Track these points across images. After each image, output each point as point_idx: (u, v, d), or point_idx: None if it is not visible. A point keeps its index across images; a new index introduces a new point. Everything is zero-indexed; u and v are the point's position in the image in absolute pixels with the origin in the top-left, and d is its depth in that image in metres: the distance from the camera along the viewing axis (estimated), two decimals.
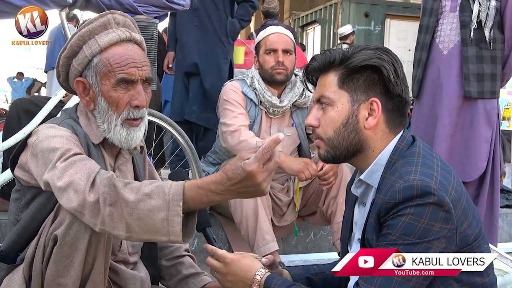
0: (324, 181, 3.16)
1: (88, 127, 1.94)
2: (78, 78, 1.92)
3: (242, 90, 3.36)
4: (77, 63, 1.91)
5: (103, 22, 1.91)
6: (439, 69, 3.54)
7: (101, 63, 1.88)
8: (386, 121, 1.70)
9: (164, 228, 1.56)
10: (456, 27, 3.47)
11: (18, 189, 1.94)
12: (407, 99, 1.71)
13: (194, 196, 1.58)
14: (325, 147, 1.74)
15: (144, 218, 1.57)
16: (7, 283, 1.78)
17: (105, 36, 1.90)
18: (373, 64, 1.66)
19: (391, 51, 1.72)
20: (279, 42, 3.34)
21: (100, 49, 1.88)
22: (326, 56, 1.72)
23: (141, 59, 1.91)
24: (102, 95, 1.89)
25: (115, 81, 1.87)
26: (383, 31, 13.15)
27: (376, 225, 1.61)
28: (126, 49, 1.90)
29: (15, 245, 1.86)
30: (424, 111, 3.63)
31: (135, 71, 1.88)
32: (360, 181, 1.75)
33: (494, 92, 3.48)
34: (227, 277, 1.71)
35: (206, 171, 3.49)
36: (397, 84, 1.67)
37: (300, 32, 15.19)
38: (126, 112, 1.90)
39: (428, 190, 1.53)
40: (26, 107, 3.47)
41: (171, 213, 1.56)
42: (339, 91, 1.70)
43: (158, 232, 1.57)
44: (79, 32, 1.90)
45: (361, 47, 1.70)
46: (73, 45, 1.91)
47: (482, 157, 3.46)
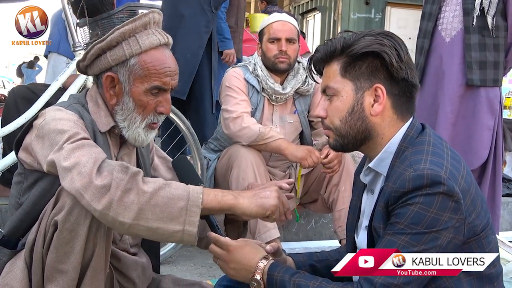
0: (328, 168, 3.16)
1: (96, 114, 1.94)
2: (109, 73, 1.91)
3: (244, 76, 3.35)
4: (112, 57, 1.89)
5: (145, 22, 1.91)
6: (441, 57, 3.53)
7: (138, 65, 1.88)
8: (393, 107, 1.68)
9: (182, 216, 1.60)
10: (459, 14, 3.45)
11: (20, 172, 1.93)
12: (413, 82, 1.68)
13: (208, 201, 1.67)
14: (334, 136, 1.73)
15: (161, 205, 1.60)
16: (10, 268, 1.78)
17: (145, 38, 1.90)
18: (373, 50, 1.64)
19: (395, 35, 1.70)
20: (283, 31, 3.32)
21: (140, 51, 1.89)
22: (328, 46, 1.71)
23: (175, 67, 1.94)
24: (131, 96, 1.90)
25: (149, 87, 1.89)
26: (384, 19, 13.12)
27: (384, 213, 1.60)
28: (164, 55, 1.92)
29: (17, 230, 1.85)
30: (426, 99, 3.61)
31: (169, 80, 1.91)
32: (369, 169, 1.74)
33: (497, 80, 3.47)
34: (230, 264, 1.70)
35: (208, 157, 3.49)
36: (401, 68, 1.64)
37: (300, 19, 15.15)
38: (151, 117, 1.93)
39: (438, 180, 1.51)
40: (24, 95, 3.48)
41: (190, 203, 1.61)
42: (343, 80, 1.68)
43: (174, 220, 1.60)
44: (122, 29, 1.88)
45: (363, 34, 1.68)
46: (112, 40, 1.89)
47: (484, 146, 3.45)
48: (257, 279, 1.66)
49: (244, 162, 3.13)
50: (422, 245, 1.52)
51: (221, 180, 3.36)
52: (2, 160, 3.12)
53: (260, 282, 1.66)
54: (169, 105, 1.94)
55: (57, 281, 1.71)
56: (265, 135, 3.18)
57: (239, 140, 3.23)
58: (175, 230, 1.61)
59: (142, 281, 2.05)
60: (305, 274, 1.65)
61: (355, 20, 12.99)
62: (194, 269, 3.43)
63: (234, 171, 3.16)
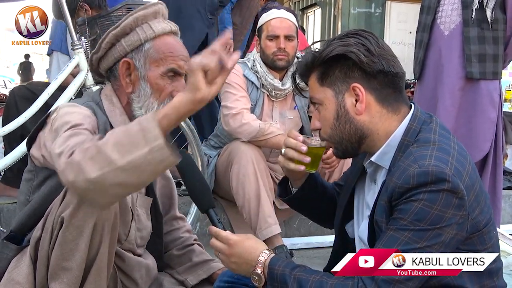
0: (327, 164, 3.16)
1: (111, 112, 1.95)
2: (125, 58, 1.93)
3: (244, 73, 3.35)
4: (127, 43, 1.92)
5: (155, 10, 1.96)
6: (440, 50, 3.52)
7: (153, 49, 1.91)
8: (378, 101, 1.67)
9: (141, 139, 1.49)
10: (457, 7, 3.45)
11: (31, 170, 1.94)
12: (393, 71, 1.66)
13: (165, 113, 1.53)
14: (332, 145, 1.75)
15: (120, 141, 1.51)
16: (16, 263, 1.78)
17: (157, 24, 1.94)
18: (337, 53, 1.64)
19: (363, 31, 1.69)
20: (281, 28, 3.32)
21: (154, 35, 1.92)
22: (301, 63, 1.75)
23: (187, 54, 1.96)
24: (147, 80, 1.91)
25: (165, 70, 1.91)
26: (384, 13, 13.09)
27: (387, 207, 1.60)
28: (176, 41, 1.96)
29: (24, 227, 1.86)
30: (425, 93, 3.61)
31: (183, 64, 1.92)
32: (370, 162, 1.74)
33: (496, 73, 3.46)
34: (231, 258, 1.70)
35: (208, 154, 3.49)
36: (373, 61, 1.63)
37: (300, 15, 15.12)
38: (168, 102, 1.86)
39: (443, 177, 1.50)
40: (23, 94, 3.49)
41: (143, 124, 1.52)
42: (322, 88, 1.70)
43: (137, 145, 1.49)
44: (135, 15, 1.92)
45: (331, 39, 1.70)
46: (126, 26, 1.92)
47: (486, 138, 3.45)
48: (258, 273, 1.66)
49: (244, 158, 3.13)
50: (425, 241, 1.52)
51: (221, 177, 3.36)
52: (3, 159, 3.13)
53: (261, 276, 1.66)
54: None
55: (61, 278, 1.71)
56: (265, 131, 3.18)
57: (239, 137, 3.24)
58: (144, 153, 1.49)
59: (145, 282, 2.06)
60: (305, 268, 1.66)
61: (355, 15, 12.97)
62: None
63: (234, 167, 3.17)
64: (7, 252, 1.81)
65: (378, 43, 1.66)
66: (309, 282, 1.59)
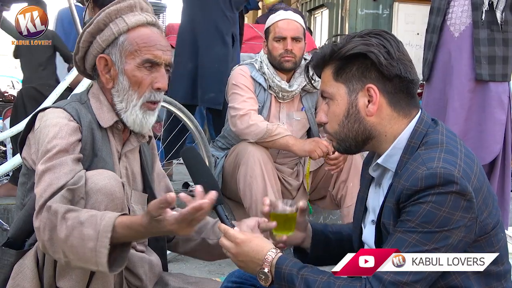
0: (333, 165, 3.15)
1: (99, 110, 1.95)
2: (101, 55, 1.94)
3: (251, 74, 3.35)
4: (101, 39, 1.93)
5: (130, 4, 1.96)
6: (450, 52, 3.50)
7: (127, 42, 1.91)
8: (390, 105, 1.67)
9: (93, 258, 1.59)
10: (467, 9, 3.43)
11: (24, 173, 1.95)
12: (409, 77, 1.65)
13: (123, 233, 1.62)
14: (336, 140, 1.74)
15: (76, 246, 1.60)
16: (19, 269, 1.78)
17: (132, 17, 1.94)
18: (359, 51, 1.63)
19: (385, 32, 1.68)
20: (288, 30, 3.32)
21: (127, 28, 1.92)
22: (318, 54, 1.73)
23: (166, 43, 1.96)
24: (124, 74, 1.91)
25: (140, 61, 1.90)
26: (391, 15, 13.04)
27: (395, 210, 1.59)
28: (152, 32, 1.95)
29: (21, 232, 1.85)
30: (434, 95, 3.59)
31: (161, 54, 1.92)
32: (377, 165, 1.73)
33: (506, 75, 3.44)
34: (239, 257, 1.70)
35: (215, 155, 3.49)
36: (391, 65, 1.62)
37: (307, 16, 15.10)
38: (148, 93, 1.92)
39: (451, 179, 1.50)
40: (32, 95, 3.50)
41: (99, 244, 1.58)
42: (336, 84, 1.69)
43: (88, 261, 1.61)
44: (107, 10, 1.93)
45: (352, 36, 1.68)
46: (100, 22, 1.93)
47: (496, 140, 3.42)
48: (265, 271, 1.65)
49: (252, 159, 3.13)
50: (433, 244, 1.51)
51: (229, 178, 3.36)
52: (11, 160, 3.14)
53: (268, 275, 1.65)
54: (165, 80, 1.94)
55: (69, 275, 1.72)
56: (273, 132, 3.18)
57: (246, 138, 3.23)
58: (94, 268, 1.63)
59: (149, 278, 2.05)
60: (312, 268, 1.65)
61: (362, 17, 12.92)
62: (203, 266, 3.44)
63: (241, 168, 3.16)
64: (7, 258, 1.81)
65: (399, 47, 1.66)
66: (316, 282, 1.58)
